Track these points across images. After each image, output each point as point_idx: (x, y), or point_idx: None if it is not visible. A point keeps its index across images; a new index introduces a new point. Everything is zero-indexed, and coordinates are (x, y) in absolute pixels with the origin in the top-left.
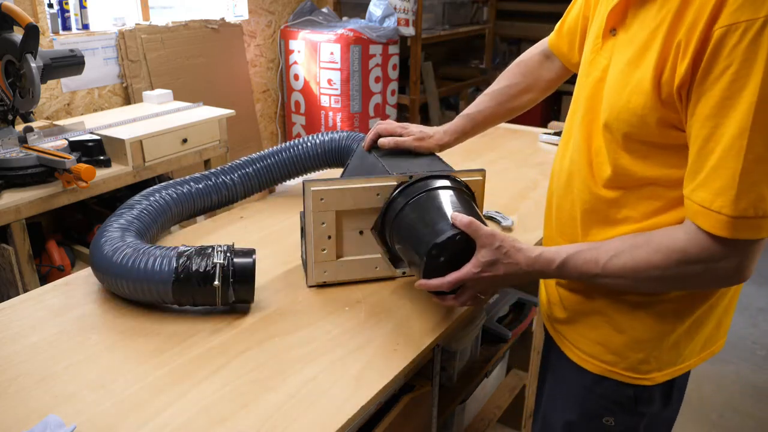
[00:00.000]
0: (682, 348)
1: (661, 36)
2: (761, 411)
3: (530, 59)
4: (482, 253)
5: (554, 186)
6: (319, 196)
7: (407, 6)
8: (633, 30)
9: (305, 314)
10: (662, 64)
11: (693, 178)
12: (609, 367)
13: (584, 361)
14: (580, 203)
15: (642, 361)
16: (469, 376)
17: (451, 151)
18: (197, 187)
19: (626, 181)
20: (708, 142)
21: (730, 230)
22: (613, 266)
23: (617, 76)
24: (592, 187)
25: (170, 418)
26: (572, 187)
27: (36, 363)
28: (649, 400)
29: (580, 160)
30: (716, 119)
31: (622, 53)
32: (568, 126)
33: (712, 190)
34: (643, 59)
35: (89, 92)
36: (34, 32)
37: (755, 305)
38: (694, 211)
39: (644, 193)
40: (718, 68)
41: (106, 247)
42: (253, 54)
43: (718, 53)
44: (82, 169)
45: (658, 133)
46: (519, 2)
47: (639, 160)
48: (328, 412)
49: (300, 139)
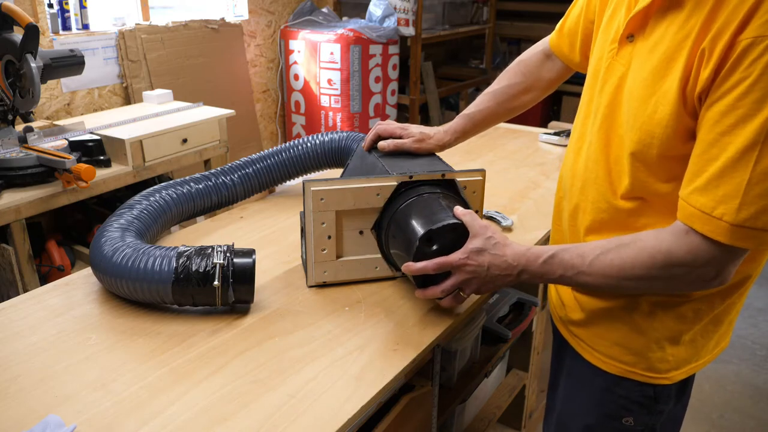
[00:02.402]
0: (699, 346)
1: (689, 45)
2: (761, 411)
3: (531, 59)
4: (472, 241)
5: (565, 190)
6: (319, 196)
7: (407, 6)
8: (654, 38)
9: (305, 314)
10: (687, 73)
11: (692, 180)
12: (628, 367)
13: (603, 363)
14: (596, 211)
15: (661, 360)
16: (469, 376)
17: (451, 151)
18: (197, 188)
19: (644, 192)
20: (712, 147)
21: (728, 237)
22: (600, 263)
23: (640, 86)
24: (609, 197)
25: (170, 418)
26: (587, 194)
27: (36, 363)
28: (668, 398)
29: (597, 169)
30: (724, 127)
31: (643, 61)
32: (581, 130)
33: (715, 197)
34: (670, 69)
35: (89, 92)
36: (34, 32)
37: (755, 305)
38: (689, 214)
39: (663, 202)
40: (734, 77)
41: (106, 247)
42: (253, 54)
43: (738, 63)
44: (82, 169)
45: (682, 145)
46: (519, 2)
47: (658, 173)
48: (328, 412)
49: (300, 140)
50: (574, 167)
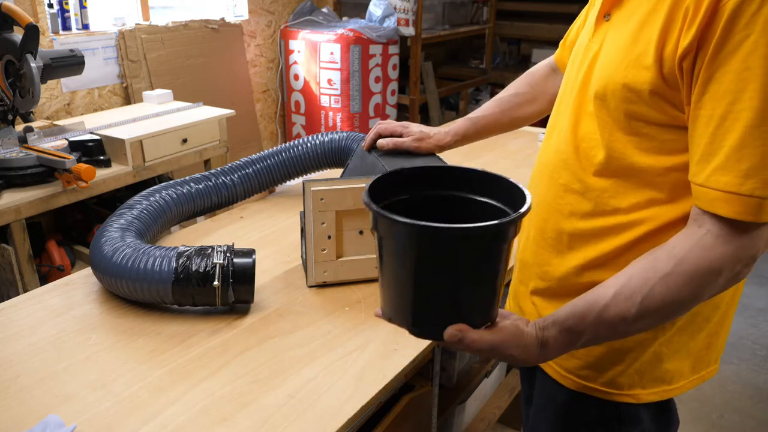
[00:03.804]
0: (666, 362)
1: (666, 6)
2: (761, 411)
3: (538, 71)
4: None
5: (535, 183)
6: (319, 196)
7: (407, 6)
8: (630, 7)
9: (305, 314)
10: (665, 35)
11: (707, 162)
12: (586, 383)
13: (562, 377)
14: (567, 192)
15: (621, 374)
16: (469, 376)
17: (452, 152)
18: (197, 188)
19: (619, 167)
20: (725, 120)
21: (762, 214)
22: (651, 302)
23: (614, 53)
24: (581, 174)
25: (170, 418)
26: (557, 178)
27: (36, 363)
28: (635, 420)
29: (567, 149)
30: (734, 94)
31: (618, 31)
32: (553, 119)
33: (740, 173)
34: (643, 32)
35: (89, 92)
36: (34, 32)
37: (755, 305)
38: (712, 199)
39: (638, 181)
40: (735, 38)
41: (106, 247)
42: (253, 54)
43: (734, 22)
44: (82, 169)
45: (657, 111)
46: (519, 2)
47: (636, 140)
48: (328, 412)
49: (300, 140)
50: (543, 157)
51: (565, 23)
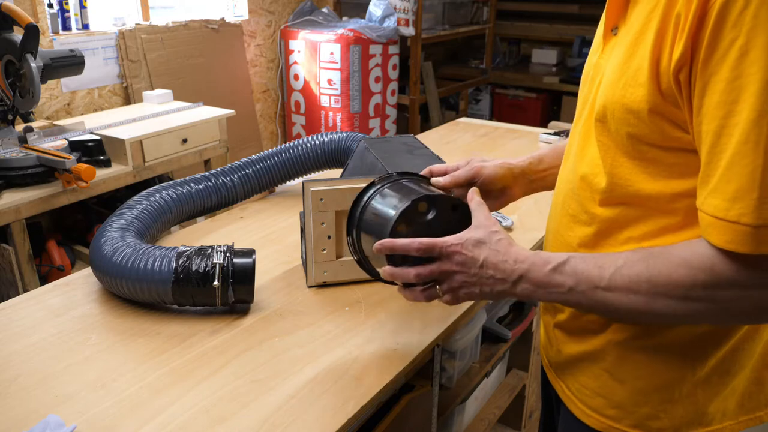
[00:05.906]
0: (702, 404)
1: (659, 13)
2: None
3: None
4: (474, 231)
5: (550, 214)
6: (318, 196)
7: (407, 6)
8: (632, 18)
9: (305, 314)
10: (659, 47)
11: (706, 183)
12: (612, 423)
13: (587, 416)
14: (576, 224)
15: (650, 417)
16: (469, 376)
17: (452, 152)
18: (197, 188)
19: (624, 194)
20: (720, 137)
21: (753, 245)
22: (622, 277)
23: (611, 71)
24: (587, 205)
25: (170, 418)
26: (567, 209)
27: (36, 363)
28: None
29: (574, 178)
30: (727, 106)
31: (621, 47)
32: (567, 147)
33: (727, 195)
34: (639, 45)
35: (89, 92)
36: (34, 32)
37: None
38: (706, 225)
39: (647, 209)
40: (724, 42)
41: (106, 247)
42: (253, 54)
43: (722, 23)
44: (82, 169)
45: (658, 132)
46: (519, 2)
47: (642, 165)
48: (328, 412)
49: (300, 140)
50: (557, 186)
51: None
